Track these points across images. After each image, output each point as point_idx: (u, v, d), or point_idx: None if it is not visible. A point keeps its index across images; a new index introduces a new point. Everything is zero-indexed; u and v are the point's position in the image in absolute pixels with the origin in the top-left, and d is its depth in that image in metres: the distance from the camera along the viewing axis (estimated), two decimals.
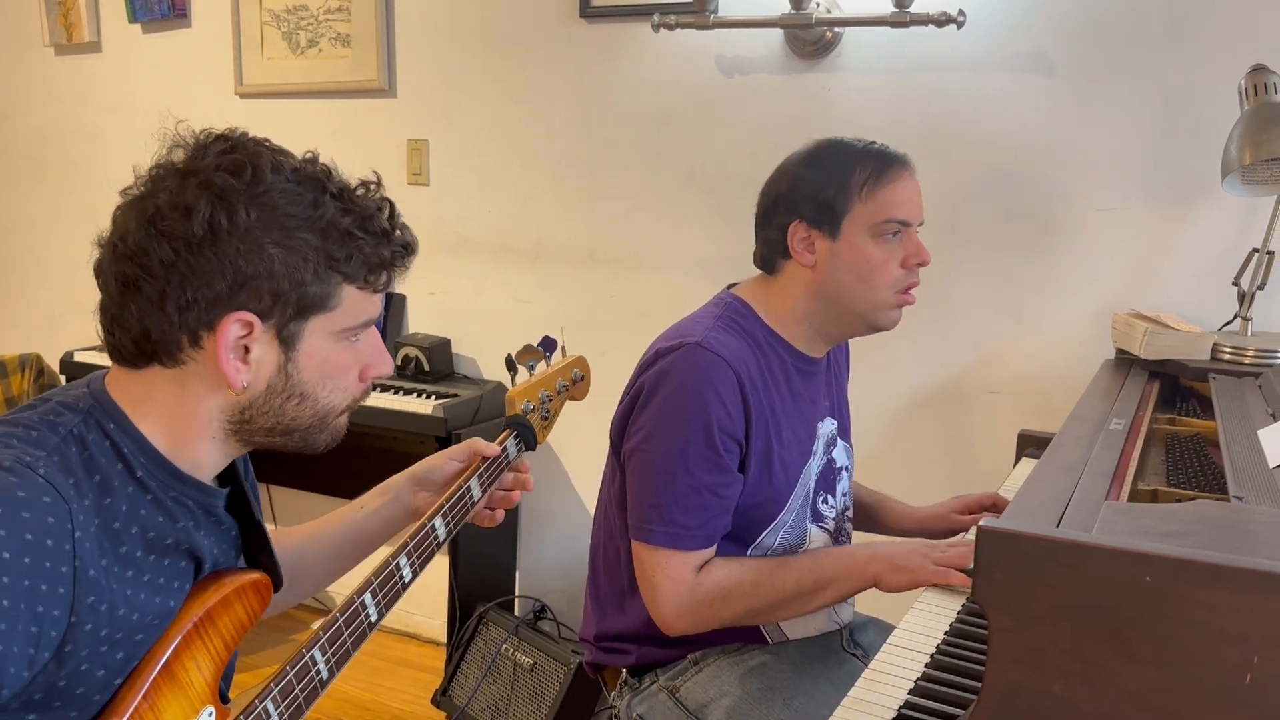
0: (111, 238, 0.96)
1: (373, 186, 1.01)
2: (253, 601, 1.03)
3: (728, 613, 1.45)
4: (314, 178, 0.97)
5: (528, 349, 1.45)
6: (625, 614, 1.56)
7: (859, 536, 1.77)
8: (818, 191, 1.47)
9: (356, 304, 1.00)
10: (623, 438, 1.52)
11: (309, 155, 1.00)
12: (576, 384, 1.55)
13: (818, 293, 1.51)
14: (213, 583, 1.01)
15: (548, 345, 1.48)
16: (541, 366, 1.46)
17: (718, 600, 1.44)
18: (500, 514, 1.34)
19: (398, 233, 1.02)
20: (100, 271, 0.97)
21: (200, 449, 0.99)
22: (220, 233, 0.92)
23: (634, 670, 1.59)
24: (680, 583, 1.43)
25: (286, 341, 0.97)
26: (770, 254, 1.54)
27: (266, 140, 0.99)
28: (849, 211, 1.46)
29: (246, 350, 0.95)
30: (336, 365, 1.01)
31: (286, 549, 1.21)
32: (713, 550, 1.46)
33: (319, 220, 0.95)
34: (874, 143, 1.51)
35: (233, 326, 0.94)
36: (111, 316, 0.96)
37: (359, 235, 0.97)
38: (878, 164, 1.47)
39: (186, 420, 0.97)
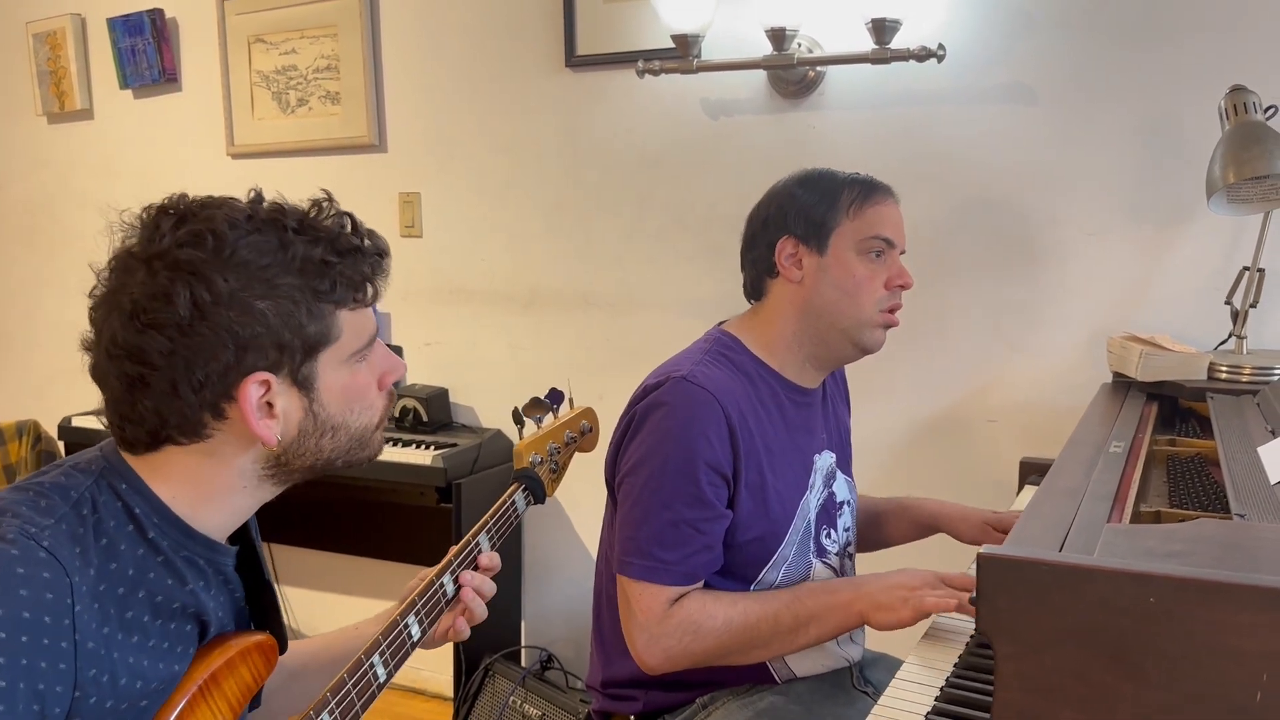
0: (100, 341, 0.95)
1: (325, 205, 1.01)
2: (258, 663, 1.03)
3: (699, 648, 1.42)
4: (271, 219, 0.97)
5: (535, 402, 1.44)
6: (630, 659, 1.53)
7: (889, 551, 1.74)
8: (808, 208, 1.51)
9: (355, 325, 1.01)
10: (615, 474, 1.51)
11: (253, 194, 1.00)
12: (585, 435, 1.54)
13: (804, 310, 1.52)
14: (218, 645, 1.00)
15: (555, 398, 1.47)
16: (549, 419, 1.46)
17: (687, 635, 1.41)
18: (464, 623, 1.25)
19: (368, 243, 1.02)
20: (98, 375, 0.96)
21: (227, 505, 1.00)
22: (206, 307, 0.91)
23: (642, 716, 1.56)
24: (650, 616, 1.42)
25: (304, 385, 0.98)
26: (758, 274, 1.56)
27: (210, 197, 0.98)
28: (837, 226, 1.50)
29: (271, 406, 0.96)
30: (356, 388, 1.02)
31: (288, 666, 1.19)
32: (694, 587, 1.45)
33: (293, 261, 0.95)
34: (859, 173, 1.56)
35: (252, 389, 0.94)
36: (122, 415, 0.95)
37: (334, 261, 0.97)
38: (865, 187, 1.53)
39: (212, 480, 0.98)
